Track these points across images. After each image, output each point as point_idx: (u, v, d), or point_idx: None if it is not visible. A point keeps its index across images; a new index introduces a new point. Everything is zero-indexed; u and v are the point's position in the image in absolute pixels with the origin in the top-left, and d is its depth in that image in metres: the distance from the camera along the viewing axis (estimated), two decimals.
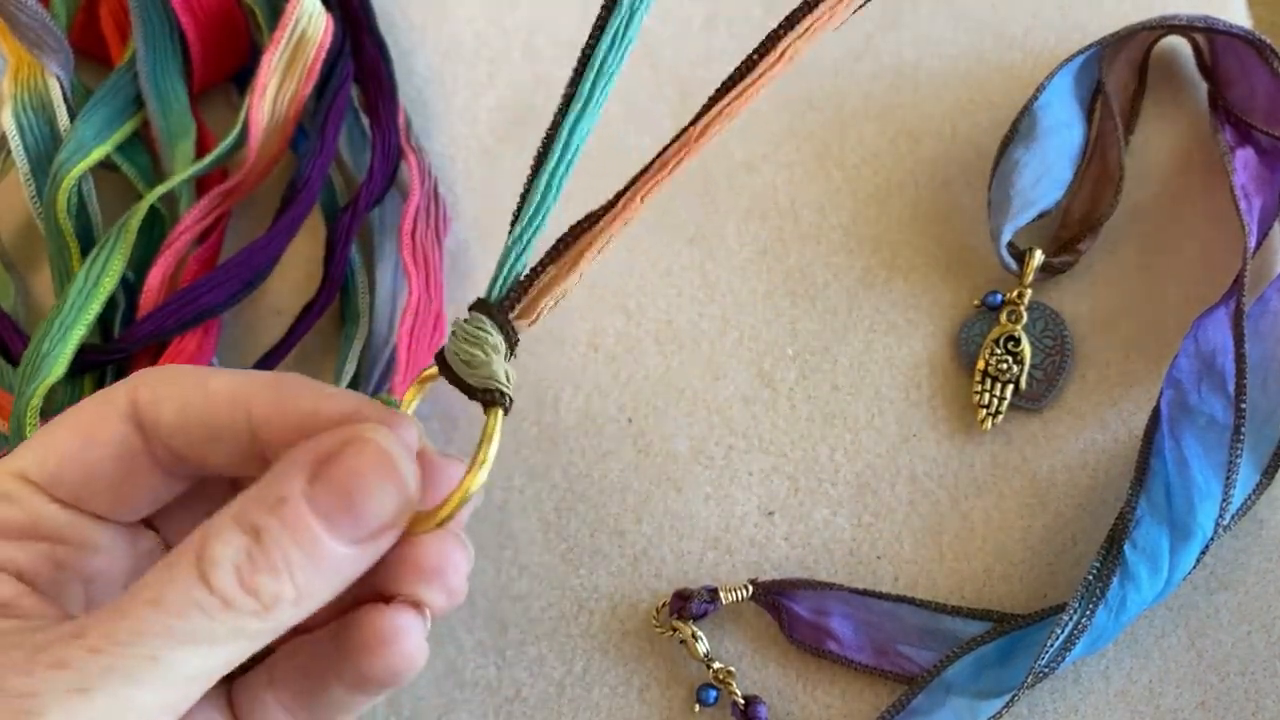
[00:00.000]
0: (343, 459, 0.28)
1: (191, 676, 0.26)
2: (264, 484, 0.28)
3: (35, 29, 0.47)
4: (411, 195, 0.48)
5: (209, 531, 0.27)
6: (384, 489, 0.28)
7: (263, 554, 0.26)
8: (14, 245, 0.50)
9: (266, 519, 0.27)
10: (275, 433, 0.30)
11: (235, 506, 0.27)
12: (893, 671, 0.43)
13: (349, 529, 0.27)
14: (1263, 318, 0.44)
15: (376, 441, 0.28)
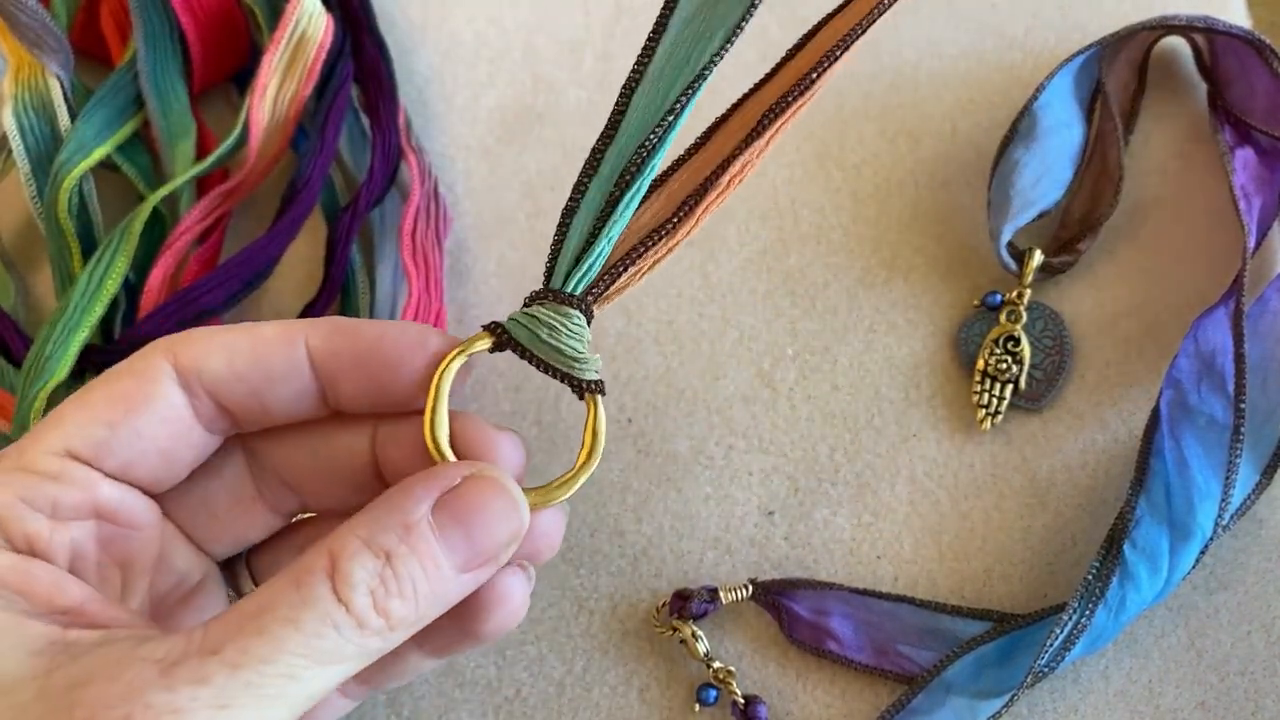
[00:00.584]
0: (466, 493, 0.29)
1: (315, 694, 0.27)
2: (387, 507, 0.29)
3: (35, 29, 0.47)
4: (412, 195, 0.48)
5: (340, 552, 0.27)
6: (502, 524, 0.30)
7: (394, 578, 0.28)
8: (14, 245, 0.50)
9: (397, 544, 0.28)
10: (340, 366, 0.31)
11: (362, 528, 0.28)
12: (892, 671, 0.43)
13: (468, 557, 0.29)
14: (1262, 318, 0.44)
15: (497, 479, 0.30)
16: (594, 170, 0.34)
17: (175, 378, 0.30)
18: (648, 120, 0.34)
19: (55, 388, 0.43)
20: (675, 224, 0.34)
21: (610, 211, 0.33)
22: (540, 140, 0.52)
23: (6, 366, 0.46)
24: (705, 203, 0.34)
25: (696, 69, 0.33)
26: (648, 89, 0.34)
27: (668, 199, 0.35)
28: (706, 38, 0.34)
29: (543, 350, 0.33)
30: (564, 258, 0.33)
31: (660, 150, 0.33)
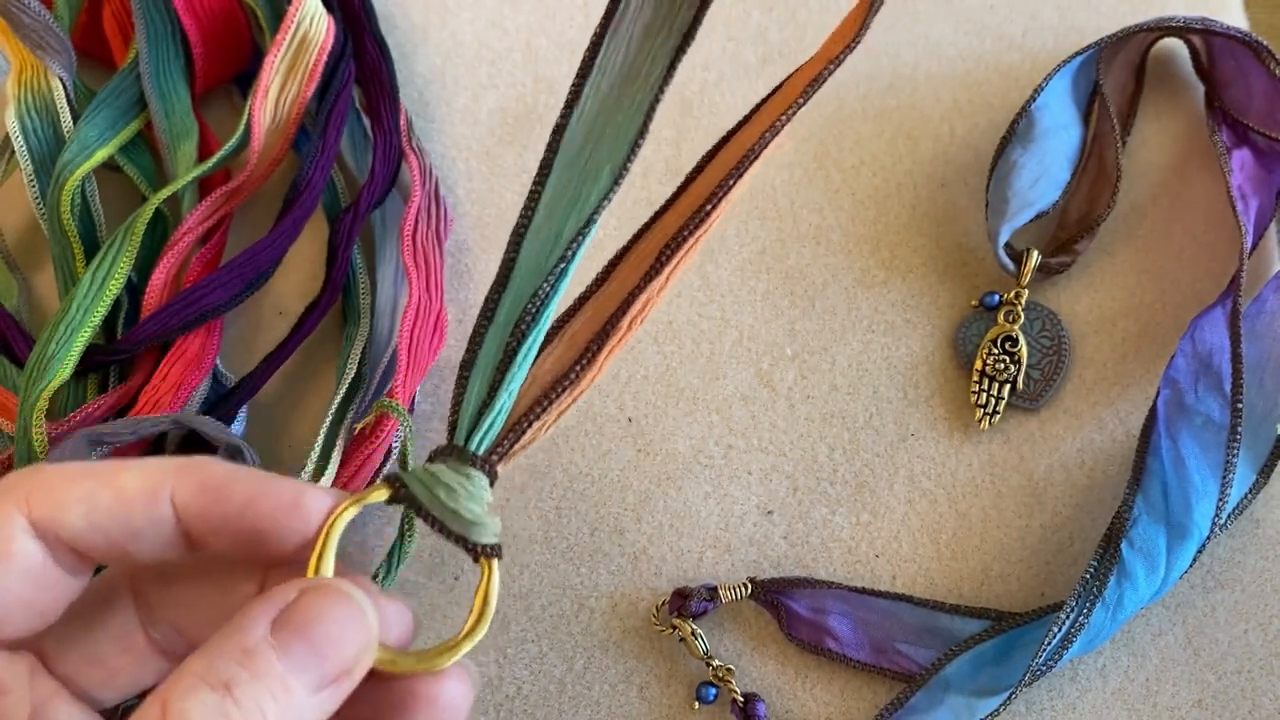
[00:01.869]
0: (306, 606, 0.27)
1: None
2: (225, 636, 0.27)
3: (38, 30, 0.47)
4: (413, 196, 0.48)
5: (171, 694, 0.26)
6: (349, 633, 0.28)
7: (238, 709, 0.26)
8: (17, 246, 0.50)
9: (236, 671, 0.26)
10: (208, 528, 0.29)
11: (198, 663, 0.26)
12: (891, 670, 0.43)
13: (319, 675, 0.27)
14: (1259, 317, 0.44)
15: (338, 587, 0.28)
16: (489, 320, 0.33)
17: (29, 530, 0.28)
18: (541, 265, 0.33)
19: (58, 388, 0.43)
20: (579, 372, 0.33)
21: (508, 363, 0.32)
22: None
23: (9, 366, 0.46)
24: (608, 347, 0.33)
25: (586, 213, 0.33)
26: (538, 233, 0.33)
27: (569, 343, 0.34)
28: (594, 178, 0.33)
29: (439, 510, 0.31)
30: (465, 413, 0.32)
31: (554, 298, 0.32)
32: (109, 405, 0.44)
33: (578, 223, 0.33)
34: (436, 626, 0.45)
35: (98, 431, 0.42)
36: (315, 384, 0.48)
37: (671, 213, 0.36)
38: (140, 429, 0.42)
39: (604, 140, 0.34)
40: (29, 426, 0.42)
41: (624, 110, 0.34)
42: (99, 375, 0.46)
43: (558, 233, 0.33)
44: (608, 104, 0.34)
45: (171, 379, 0.45)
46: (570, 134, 0.34)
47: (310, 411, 0.48)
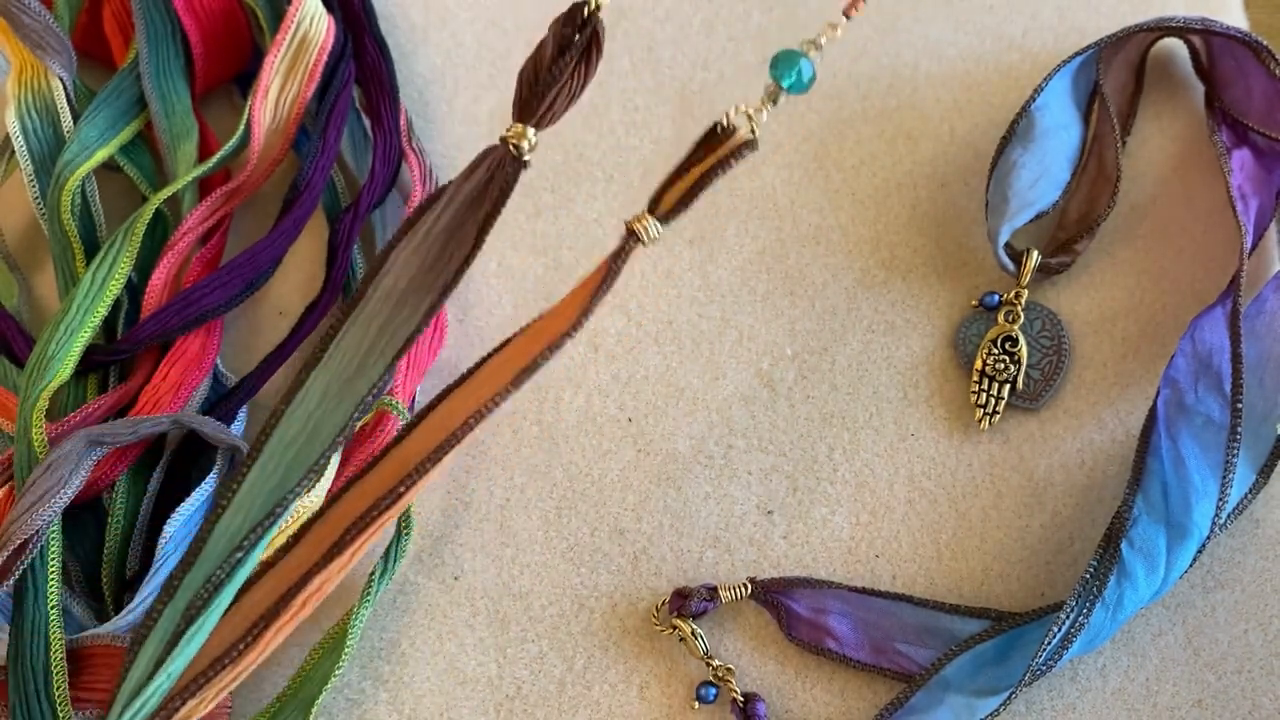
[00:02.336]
0: None
1: None
2: None
3: (38, 30, 0.47)
4: (413, 197, 0.48)
5: None
6: None
7: None
8: (18, 246, 0.50)
9: None
10: None
11: None
12: (891, 669, 0.43)
13: None
14: (1259, 317, 0.44)
15: None
16: (169, 597, 0.32)
17: None
18: (225, 550, 0.33)
19: (58, 388, 0.43)
20: (240, 651, 0.33)
21: (173, 644, 0.32)
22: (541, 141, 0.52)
23: (9, 366, 0.46)
24: (276, 625, 0.33)
25: (269, 506, 0.33)
26: (231, 518, 0.33)
27: (242, 616, 0.33)
28: (295, 471, 0.33)
29: None
30: (124, 691, 0.32)
31: (228, 585, 0.32)
32: (109, 405, 0.44)
33: (262, 513, 0.33)
34: (436, 626, 0.45)
35: (98, 431, 0.42)
36: None
37: (369, 481, 0.35)
38: (140, 429, 0.42)
39: (317, 437, 0.33)
40: (29, 426, 0.42)
41: (340, 412, 0.34)
42: (99, 375, 0.46)
43: (243, 523, 0.33)
44: (329, 397, 0.34)
45: (171, 379, 0.45)
46: (288, 420, 0.34)
47: None
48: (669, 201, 0.34)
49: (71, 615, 0.42)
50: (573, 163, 0.51)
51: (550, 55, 0.34)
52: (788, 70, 0.34)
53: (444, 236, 0.34)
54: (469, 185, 0.34)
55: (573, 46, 0.34)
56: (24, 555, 0.40)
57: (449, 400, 0.35)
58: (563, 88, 0.34)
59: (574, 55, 0.34)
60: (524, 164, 0.34)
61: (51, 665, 0.39)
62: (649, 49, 0.53)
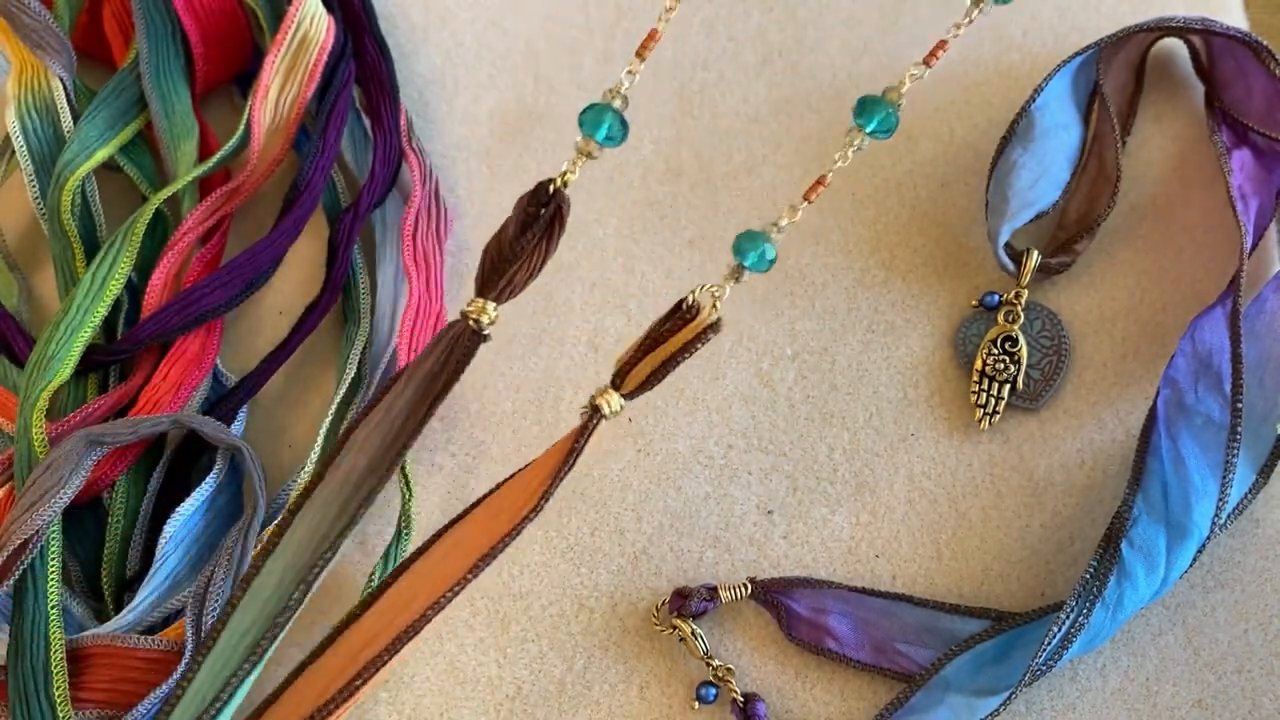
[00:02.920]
0: None
1: None
2: None
3: (38, 30, 0.47)
4: (413, 196, 0.48)
5: None
6: None
7: None
8: (18, 246, 0.50)
9: None
10: None
11: None
12: (891, 669, 0.43)
13: None
14: (1259, 317, 0.44)
15: None
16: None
17: None
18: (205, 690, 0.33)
19: (58, 387, 0.43)
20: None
21: None
22: (541, 141, 0.52)
23: (10, 366, 0.46)
24: None
25: (217, 689, 0.33)
26: (186, 706, 0.33)
27: None
28: (246, 660, 0.33)
29: None
30: None
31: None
32: (109, 405, 0.44)
33: (213, 694, 0.33)
34: (435, 625, 0.45)
35: (97, 431, 0.42)
36: (315, 384, 0.48)
37: (323, 666, 0.34)
38: (140, 429, 0.42)
39: (268, 623, 0.34)
40: (29, 426, 0.42)
41: (290, 594, 0.34)
42: (99, 375, 0.46)
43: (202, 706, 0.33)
44: (284, 584, 0.34)
45: (172, 379, 0.45)
46: (243, 610, 0.34)
47: (310, 411, 0.48)
48: (634, 380, 0.35)
49: (71, 615, 0.42)
50: None
51: (513, 233, 0.34)
52: (751, 251, 0.36)
53: (403, 414, 0.34)
54: (429, 362, 0.34)
55: (536, 224, 0.34)
56: (24, 555, 0.40)
57: (405, 578, 0.35)
58: (524, 264, 0.35)
59: (536, 233, 0.34)
60: (484, 338, 0.34)
61: (51, 665, 0.39)
62: None
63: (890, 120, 0.36)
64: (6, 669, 0.40)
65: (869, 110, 0.36)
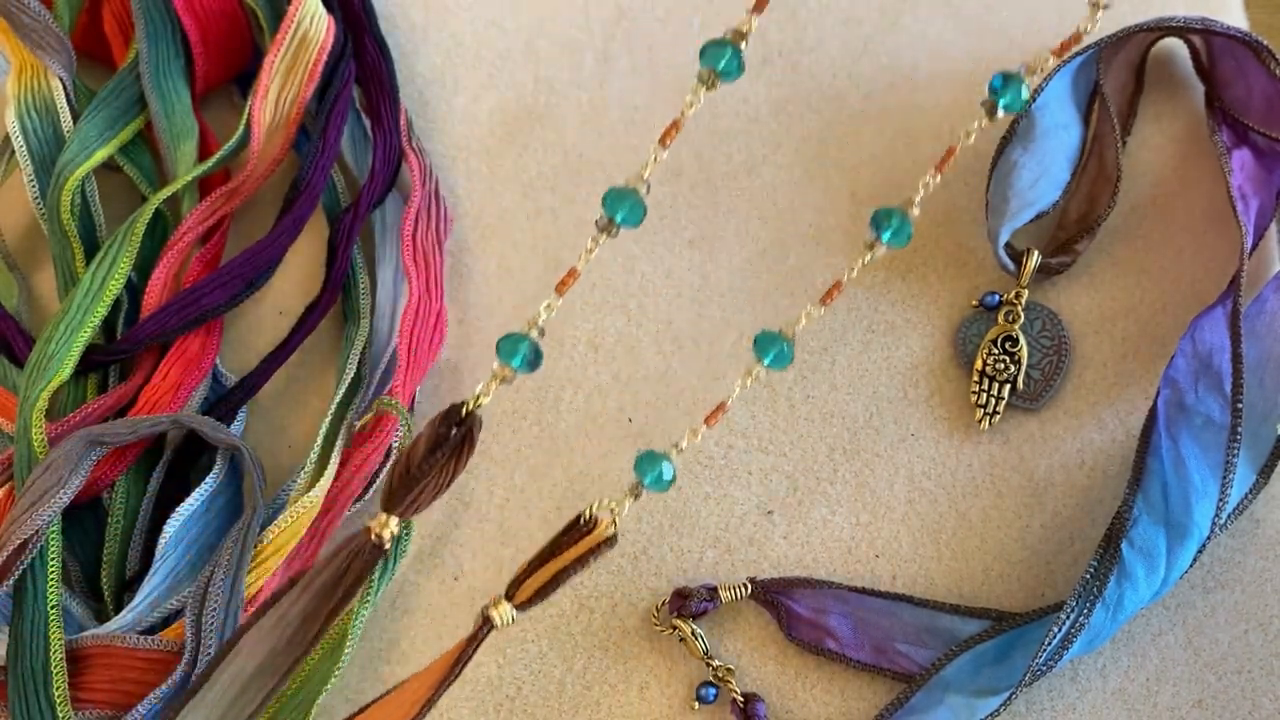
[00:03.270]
0: None
1: None
2: None
3: (38, 30, 0.47)
4: (413, 196, 0.48)
5: None
6: None
7: None
8: (17, 246, 0.50)
9: None
10: None
11: None
12: (891, 670, 0.43)
13: None
14: (1259, 317, 0.44)
15: None
16: None
17: None
18: None
19: (58, 387, 0.43)
20: None
21: None
22: (541, 141, 0.52)
23: (9, 367, 0.46)
24: None
25: None
26: None
27: None
28: None
29: None
30: None
31: None
32: (109, 405, 0.44)
33: None
34: (436, 626, 0.45)
35: (96, 431, 0.42)
36: (315, 384, 0.48)
37: None
38: (139, 429, 0.42)
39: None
40: (29, 426, 0.42)
41: None
42: (99, 375, 0.46)
43: None
44: None
45: (171, 379, 0.45)
46: None
47: (310, 411, 0.48)
48: (527, 591, 0.35)
49: (71, 615, 0.42)
50: (573, 163, 0.51)
51: (422, 452, 0.34)
52: (650, 470, 0.37)
53: (297, 621, 0.34)
54: (327, 573, 0.34)
55: (446, 444, 0.34)
56: (23, 555, 0.40)
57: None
58: (430, 482, 0.35)
59: (445, 453, 0.34)
60: (384, 553, 0.35)
61: (51, 665, 0.39)
62: (649, 49, 0.53)
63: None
64: (6, 669, 0.40)
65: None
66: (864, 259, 0.37)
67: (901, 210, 0.37)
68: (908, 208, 0.38)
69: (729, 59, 0.35)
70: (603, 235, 0.37)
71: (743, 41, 0.35)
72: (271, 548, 0.42)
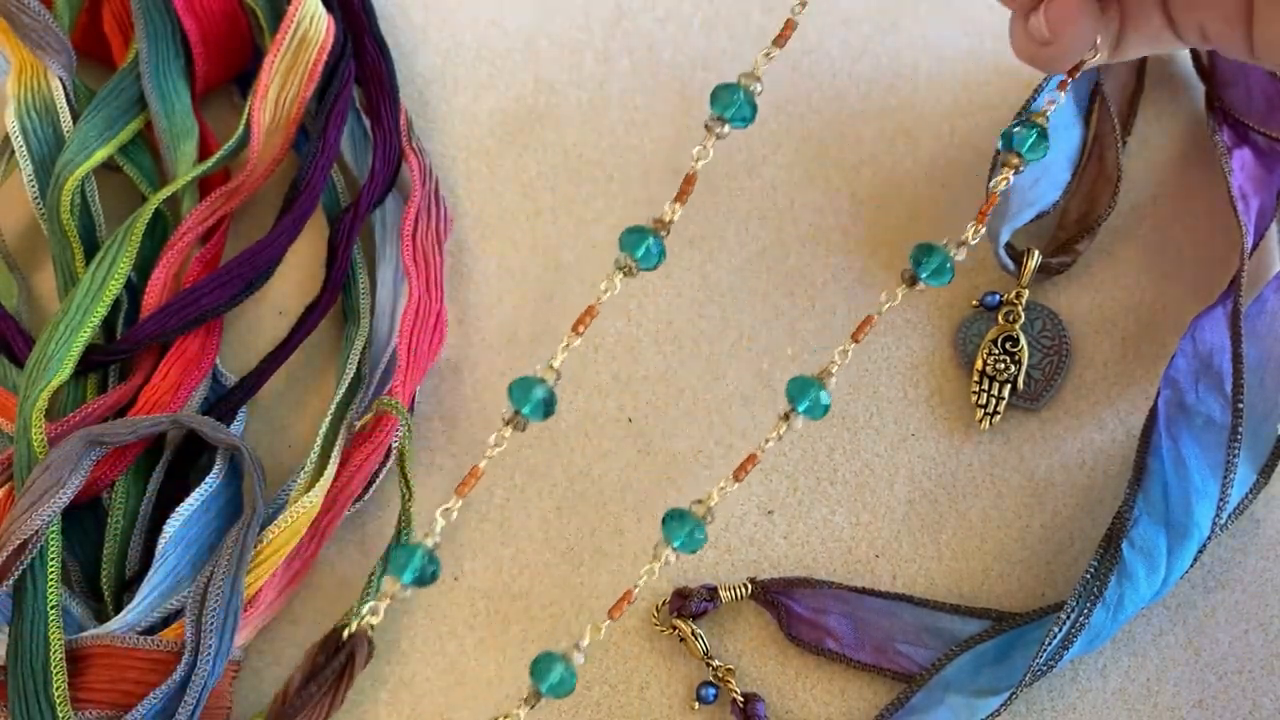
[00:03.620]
0: None
1: None
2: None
3: (38, 30, 0.47)
4: (413, 196, 0.48)
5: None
6: None
7: None
8: (17, 246, 0.50)
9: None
10: None
11: None
12: (891, 670, 0.43)
13: None
14: (1260, 317, 0.44)
15: None
16: None
17: None
18: None
19: (58, 387, 0.43)
20: None
21: None
22: (541, 141, 0.52)
23: (9, 367, 0.46)
24: None
25: None
26: None
27: None
28: None
29: None
30: None
31: None
32: (109, 405, 0.44)
33: None
34: (435, 625, 0.45)
35: (96, 431, 0.42)
36: (315, 384, 0.48)
37: None
38: (139, 429, 0.42)
39: None
40: (29, 426, 0.42)
41: None
42: (99, 375, 0.46)
43: None
44: None
45: (171, 379, 0.45)
46: None
47: (310, 411, 0.48)
48: None
49: (71, 615, 0.42)
50: (573, 163, 0.51)
51: (297, 684, 0.33)
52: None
53: None
54: None
55: (323, 674, 0.33)
56: (23, 555, 0.40)
57: None
58: (310, 713, 0.34)
59: (323, 684, 0.33)
60: None
61: (51, 665, 0.39)
62: (649, 49, 0.53)
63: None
64: (6, 669, 0.40)
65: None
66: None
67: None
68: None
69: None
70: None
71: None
72: (271, 548, 0.42)
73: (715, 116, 0.37)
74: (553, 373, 0.35)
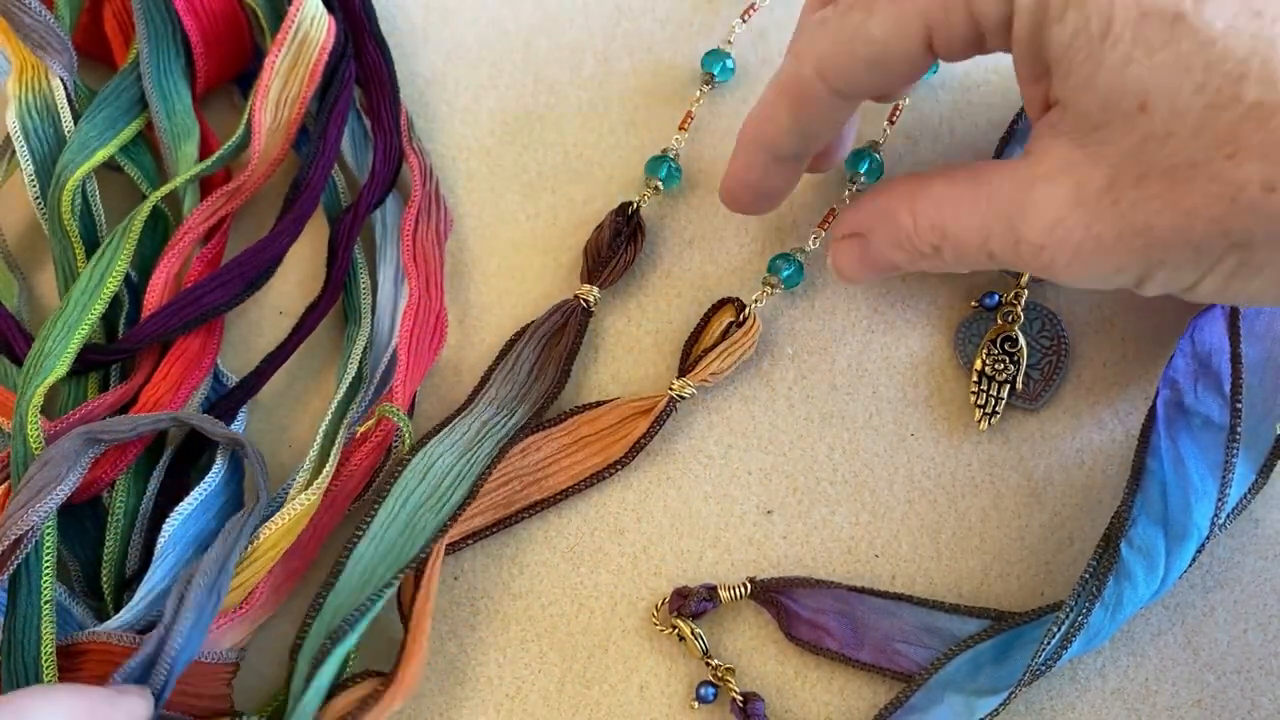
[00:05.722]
0: None
1: None
2: None
3: (39, 30, 0.47)
4: (413, 196, 0.48)
5: None
6: None
7: None
8: (18, 246, 0.50)
9: None
10: None
11: None
12: (890, 669, 0.43)
13: None
14: (1259, 318, 0.45)
15: None
16: (315, 612, 0.40)
17: None
18: (358, 585, 0.41)
19: (55, 384, 0.43)
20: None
21: (321, 661, 0.39)
22: (541, 141, 0.52)
23: (10, 366, 0.46)
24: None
25: (405, 559, 0.41)
26: (365, 546, 0.41)
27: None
28: (422, 515, 0.42)
29: None
30: (292, 696, 0.39)
31: (363, 620, 0.39)
32: (109, 404, 0.44)
33: (393, 564, 0.41)
34: (436, 626, 0.45)
35: (95, 428, 0.42)
36: (315, 384, 0.48)
37: None
38: (139, 427, 0.42)
39: (443, 480, 0.43)
40: (24, 422, 0.42)
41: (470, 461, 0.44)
42: (100, 375, 0.46)
43: (378, 555, 0.41)
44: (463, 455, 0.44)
45: (172, 378, 0.45)
46: (415, 467, 0.43)
47: (310, 411, 0.48)
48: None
49: (71, 615, 0.42)
50: (573, 163, 0.51)
51: (608, 237, 0.47)
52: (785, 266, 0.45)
53: (526, 368, 0.46)
54: (545, 326, 0.47)
55: (623, 233, 0.48)
56: (18, 551, 0.40)
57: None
58: (619, 260, 0.48)
59: (624, 239, 0.48)
60: (591, 314, 0.47)
61: (42, 660, 0.39)
62: (649, 49, 0.53)
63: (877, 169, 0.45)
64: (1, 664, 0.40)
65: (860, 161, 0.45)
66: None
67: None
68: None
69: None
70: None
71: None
72: (268, 544, 0.42)
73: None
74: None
